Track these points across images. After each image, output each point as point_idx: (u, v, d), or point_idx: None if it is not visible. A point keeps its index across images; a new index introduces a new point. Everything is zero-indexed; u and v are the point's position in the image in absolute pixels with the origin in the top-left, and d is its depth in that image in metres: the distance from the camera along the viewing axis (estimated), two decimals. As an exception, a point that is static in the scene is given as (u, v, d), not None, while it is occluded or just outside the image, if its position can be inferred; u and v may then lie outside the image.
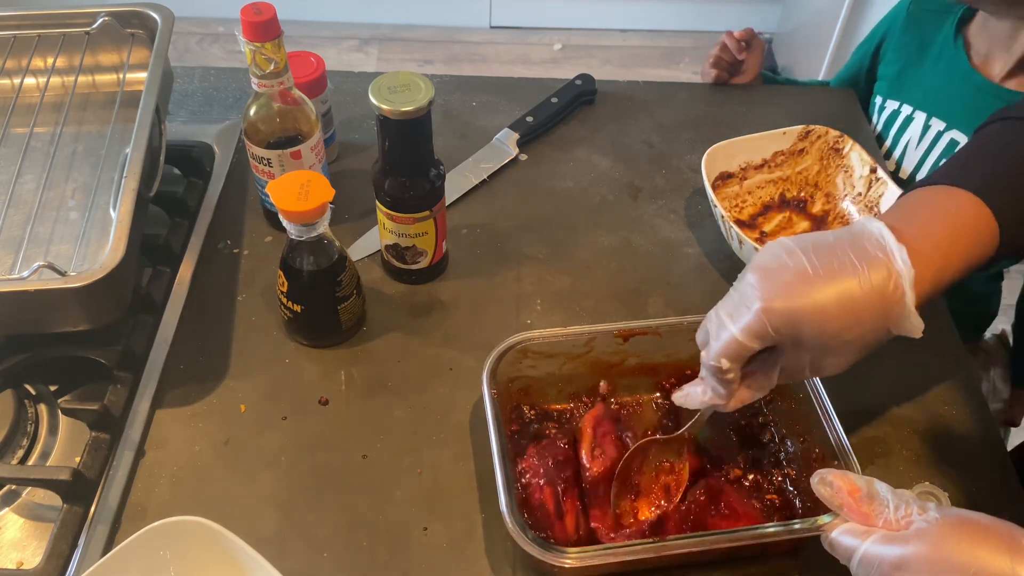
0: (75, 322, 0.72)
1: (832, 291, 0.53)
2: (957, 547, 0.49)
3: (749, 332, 0.55)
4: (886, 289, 0.54)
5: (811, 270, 0.54)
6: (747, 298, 0.55)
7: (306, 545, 0.67)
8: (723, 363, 0.57)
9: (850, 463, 0.64)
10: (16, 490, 0.70)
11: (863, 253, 0.54)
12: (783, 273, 0.54)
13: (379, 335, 0.82)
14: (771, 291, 0.54)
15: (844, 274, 0.54)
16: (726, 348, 0.56)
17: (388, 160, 0.76)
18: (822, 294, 0.53)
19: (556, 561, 0.59)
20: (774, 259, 0.55)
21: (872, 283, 0.54)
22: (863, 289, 0.53)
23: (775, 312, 0.54)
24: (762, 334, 0.55)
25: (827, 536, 0.57)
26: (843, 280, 0.54)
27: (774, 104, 1.10)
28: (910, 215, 0.58)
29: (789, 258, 0.55)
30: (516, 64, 2.60)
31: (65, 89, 0.93)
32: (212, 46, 2.59)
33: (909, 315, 0.54)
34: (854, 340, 0.55)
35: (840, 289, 0.54)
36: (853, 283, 0.54)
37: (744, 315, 0.55)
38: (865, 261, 0.54)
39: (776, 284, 0.54)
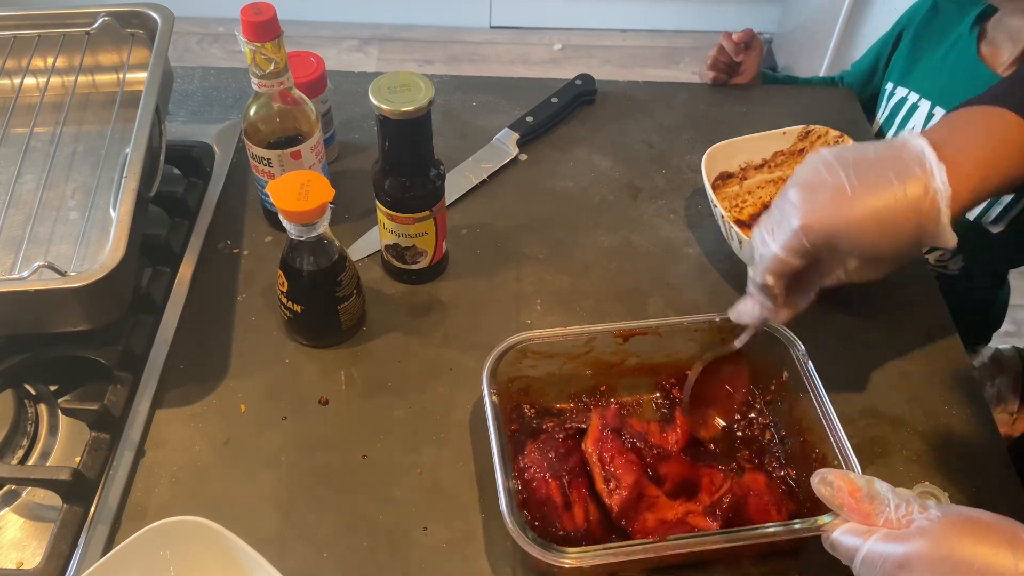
0: (75, 322, 0.72)
1: (868, 208, 0.55)
2: (960, 544, 0.49)
3: (789, 249, 0.57)
4: (922, 206, 0.55)
5: (848, 187, 0.55)
6: (787, 215, 0.57)
7: (306, 545, 0.67)
8: (768, 279, 0.59)
9: (850, 463, 0.64)
10: (16, 490, 0.70)
11: (903, 169, 0.55)
12: (822, 190, 0.56)
13: (379, 335, 0.82)
14: (809, 208, 0.56)
15: (881, 191, 0.55)
16: (771, 265, 0.59)
17: (388, 160, 0.76)
18: (858, 211, 0.55)
19: (556, 561, 0.59)
20: (814, 174, 0.57)
21: (908, 200, 0.55)
22: (899, 206, 0.55)
23: (813, 229, 0.56)
24: (801, 250, 0.57)
25: (828, 536, 0.57)
26: (880, 197, 0.55)
27: (774, 104, 1.10)
28: (952, 133, 0.58)
29: (828, 174, 0.56)
30: (516, 64, 2.60)
31: (65, 89, 0.93)
32: (212, 46, 2.59)
33: (944, 231, 0.56)
34: (889, 252, 0.57)
35: (876, 206, 0.55)
36: (890, 200, 0.55)
37: (784, 232, 0.57)
38: (903, 178, 0.55)
39: (814, 201, 0.56)
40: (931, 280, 0.88)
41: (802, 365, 0.70)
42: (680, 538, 0.62)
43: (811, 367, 0.70)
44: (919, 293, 0.87)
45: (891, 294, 0.86)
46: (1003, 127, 0.58)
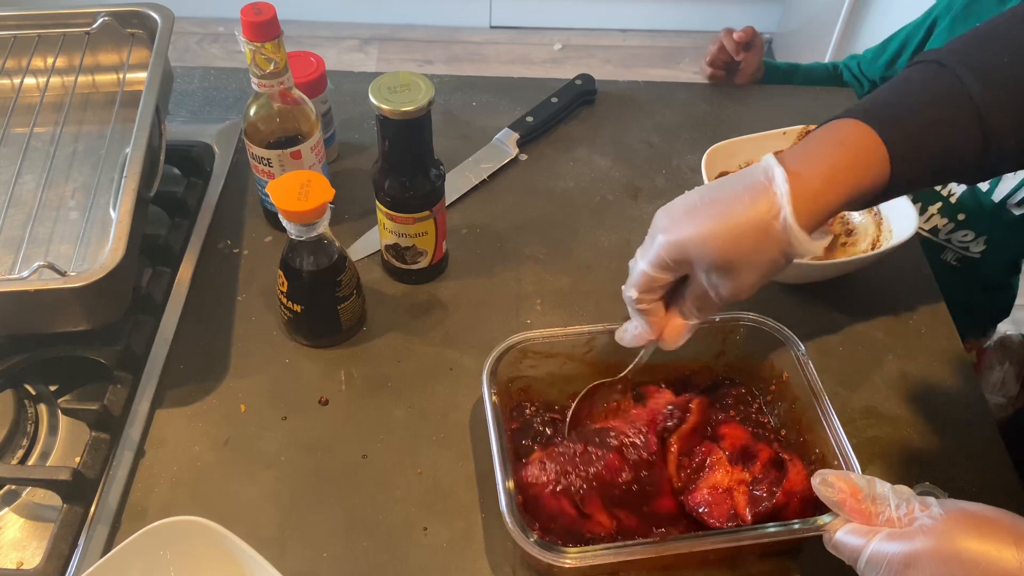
0: (75, 322, 0.72)
1: (712, 217, 0.57)
2: (964, 541, 0.50)
3: (652, 264, 0.60)
4: (763, 210, 0.56)
5: (699, 202, 0.58)
6: (651, 234, 0.61)
7: (306, 545, 0.67)
8: (632, 293, 0.62)
9: (850, 463, 0.64)
10: (16, 490, 0.70)
11: (747, 181, 0.58)
12: (673, 209, 0.60)
13: (379, 335, 0.82)
14: (664, 225, 0.59)
15: (725, 201, 0.57)
16: (635, 279, 0.62)
17: (388, 160, 0.76)
18: (704, 222, 0.57)
19: (556, 561, 0.59)
20: (673, 202, 0.60)
21: (750, 205, 0.56)
22: (743, 212, 0.56)
23: (667, 244, 0.58)
24: (662, 264, 0.59)
25: (831, 537, 0.57)
26: (723, 206, 0.57)
27: (774, 104, 1.10)
28: (802, 146, 0.60)
29: (686, 196, 0.60)
30: (516, 64, 2.60)
31: (65, 89, 0.93)
32: (212, 46, 2.59)
33: (796, 238, 0.56)
34: (742, 262, 0.58)
35: (719, 214, 0.57)
36: (732, 207, 0.57)
37: (648, 248, 0.60)
38: (746, 187, 0.57)
39: (669, 219, 0.59)
40: (931, 280, 0.88)
41: (802, 365, 0.70)
42: (680, 538, 0.62)
43: (811, 367, 0.70)
44: (919, 292, 0.87)
45: (891, 293, 0.86)
46: (849, 135, 0.58)
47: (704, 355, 0.76)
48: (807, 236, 0.57)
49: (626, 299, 0.63)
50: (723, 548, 0.63)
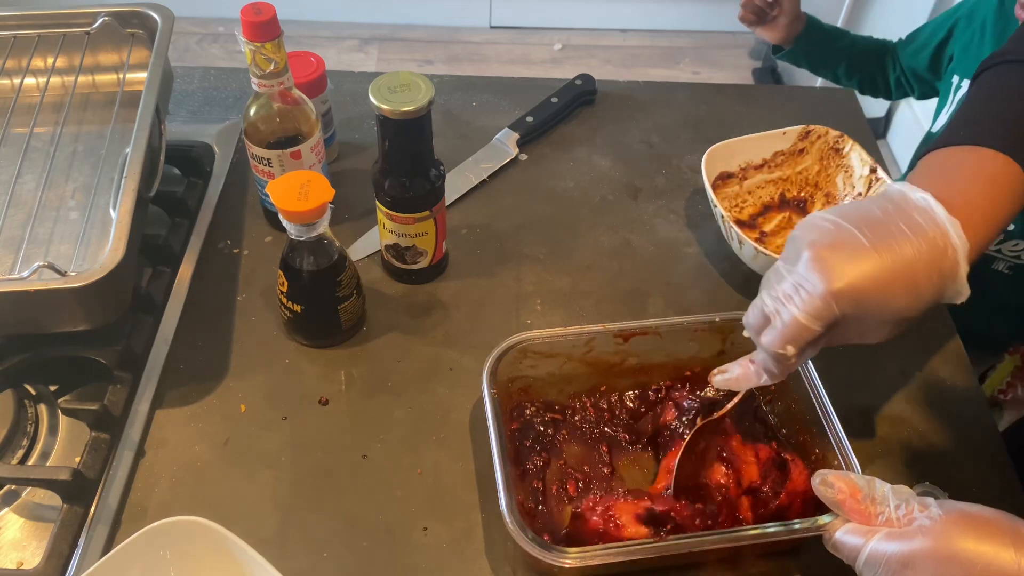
0: (75, 322, 0.72)
1: (895, 270, 0.52)
2: (963, 542, 0.50)
3: (815, 316, 0.53)
4: (944, 264, 0.53)
5: (872, 247, 0.52)
6: (807, 280, 0.53)
7: (306, 545, 0.67)
8: (789, 349, 0.55)
9: (850, 463, 0.64)
10: (16, 490, 0.70)
11: (916, 227, 0.53)
12: (842, 251, 0.53)
13: (379, 335, 0.82)
14: (835, 272, 0.52)
15: (904, 251, 0.52)
16: (791, 333, 0.54)
17: (388, 160, 0.76)
18: (887, 273, 0.52)
19: (556, 561, 0.59)
20: (828, 236, 0.54)
21: (931, 258, 0.53)
22: (923, 265, 0.52)
23: (843, 294, 0.52)
24: (828, 316, 0.53)
25: (830, 537, 0.57)
26: (904, 258, 0.52)
27: (774, 104, 1.10)
28: (948, 181, 0.56)
29: (843, 234, 0.53)
30: (516, 64, 2.60)
31: (65, 89, 0.93)
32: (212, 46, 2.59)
33: (962, 286, 0.54)
34: (914, 313, 0.54)
35: (903, 267, 0.52)
36: (913, 260, 0.52)
37: (805, 297, 0.53)
38: (921, 236, 0.53)
39: (839, 265, 0.52)
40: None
41: (802, 365, 0.70)
42: (680, 538, 0.62)
43: (811, 367, 0.70)
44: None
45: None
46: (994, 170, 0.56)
47: (704, 355, 0.76)
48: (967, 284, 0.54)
49: (771, 354, 0.57)
50: (723, 548, 0.63)
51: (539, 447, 0.71)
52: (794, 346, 0.55)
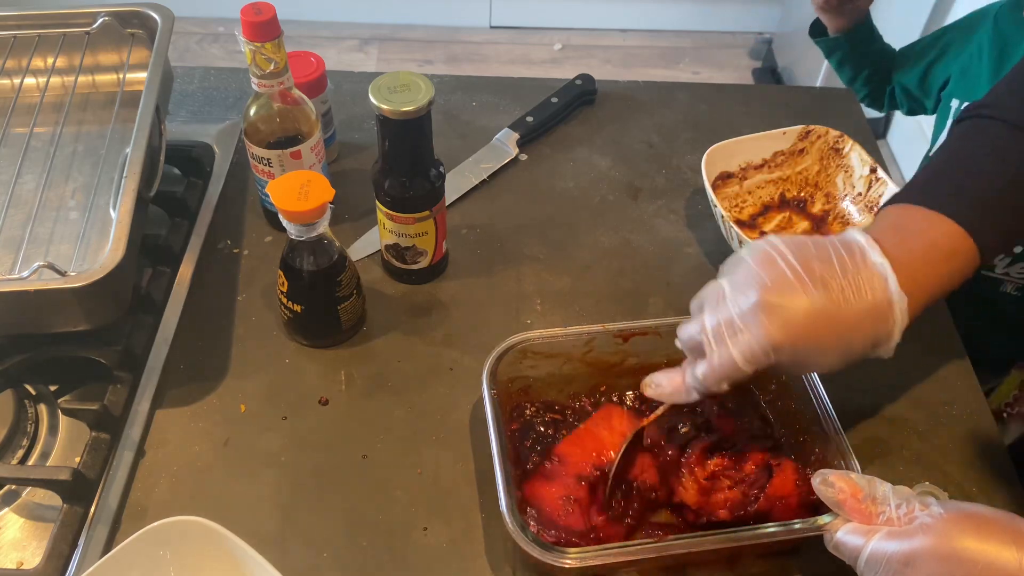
0: (75, 322, 0.72)
1: (835, 332, 0.55)
2: (964, 540, 0.50)
3: (752, 360, 0.56)
4: (880, 332, 0.56)
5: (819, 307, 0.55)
6: (750, 324, 0.56)
7: (306, 545, 0.67)
8: (724, 386, 0.59)
9: (850, 463, 0.64)
10: (16, 490, 0.70)
11: (865, 293, 0.56)
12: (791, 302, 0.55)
13: (379, 335, 0.82)
14: (779, 325, 0.55)
15: (847, 316, 0.55)
16: (727, 372, 0.57)
17: (388, 160, 0.76)
18: (826, 331, 0.55)
19: (556, 561, 0.59)
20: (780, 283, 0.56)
21: (871, 326, 0.56)
22: (861, 331, 0.56)
23: (783, 349, 0.55)
24: (762, 363, 0.56)
25: (831, 536, 0.57)
26: (847, 322, 0.55)
27: (774, 104, 1.10)
28: (895, 241, 0.58)
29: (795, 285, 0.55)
30: (516, 64, 2.60)
31: (65, 89, 0.93)
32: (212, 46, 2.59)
33: (889, 350, 0.58)
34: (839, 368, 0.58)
35: (843, 331, 0.56)
36: (855, 326, 0.56)
37: (749, 343, 0.56)
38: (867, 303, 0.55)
39: (784, 317, 0.55)
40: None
41: (802, 365, 0.70)
42: (680, 538, 0.62)
43: (811, 367, 0.70)
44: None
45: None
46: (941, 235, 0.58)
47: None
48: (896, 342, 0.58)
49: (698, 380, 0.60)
50: (723, 548, 0.63)
51: (539, 447, 0.71)
52: (728, 383, 0.58)
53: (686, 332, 0.61)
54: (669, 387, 0.64)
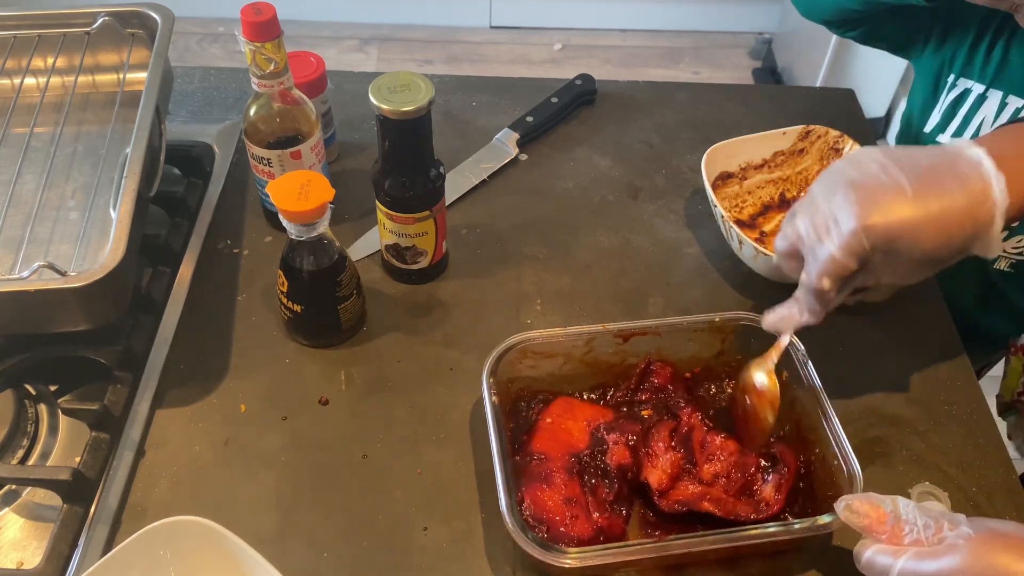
0: (75, 322, 0.72)
1: (929, 211, 0.54)
2: (994, 560, 0.50)
3: (847, 250, 0.55)
4: (979, 214, 0.55)
5: (909, 188, 0.54)
6: (842, 214, 0.55)
7: (306, 545, 0.67)
8: (825, 283, 0.57)
9: (850, 463, 0.64)
10: (16, 490, 0.70)
11: (960, 176, 0.55)
12: (879, 190, 0.55)
13: (379, 335, 0.82)
14: (868, 208, 0.54)
15: (941, 195, 0.54)
16: (828, 267, 0.56)
17: (388, 160, 0.76)
18: (920, 214, 0.54)
19: (556, 561, 0.59)
20: (867, 173, 0.56)
21: (968, 207, 0.54)
22: (958, 211, 0.54)
23: (874, 230, 0.54)
24: (860, 252, 0.55)
25: (860, 556, 0.57)
26: (940, 201, 0.54)
27: (774, 104, 1.10)
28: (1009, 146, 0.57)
29: (883, 173, 0.55)
30: (516, 64, 2.60)
31: (65, 89, 0.93)
32: (212, 46, 2.59)
33: (994, 240, 0.56)
34: (944, 256, 0.56)
35: (937, 209, 0.54)
36: (949, 204, 0.54)
37: (842, 232, 0.55)
38: (962, 184, 0.54)
39: (873, 201, 0.54)
40: (931, 279, 0.88)
41: (802, 365, 0.70)
42: (680, 538, 0.62)
43: (811, 367, 0.70)
44: (919, 293, 0.87)
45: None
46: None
47: (704, 355, 0.76)
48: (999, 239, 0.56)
49: (810, 289, 0.59)
50: (723, 548, 0.63)
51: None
52: (830, 280, 0.57)
53: (781, 241, 0.61)
54: (785, 311, 0.64)
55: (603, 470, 0.67)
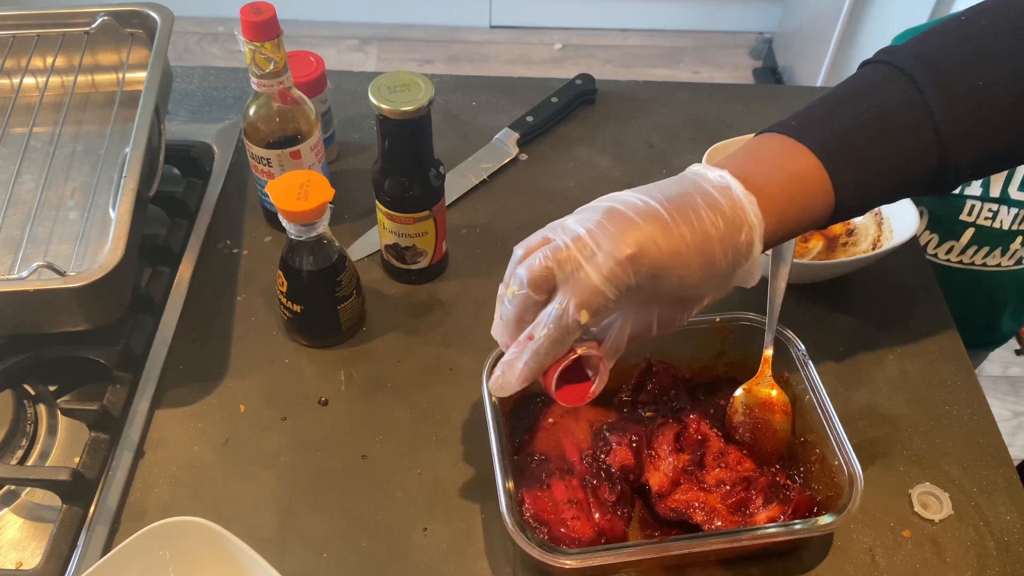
0: (75, 322, 0.72)
1: (692, 240, 0.52)
2: None
3: (613, 279, 0.51)
4: (739, 240, 0.53)
5: (672, 220, 0.52)
6: (606, 243, 0.51)
7: (306, 545, 0.67)
8: (583, 315, 0.52)
9: (850, 463, 0.64)
10: (16, 490, 0.70)
11: (713, 202, 0.53)
12: (645, 220, 0.52)
13: (379, 335, 0.82)
14: (635, 237, 0.51)
15: (703, 224, 0.52)
16: (588, 298, 0.51)
17: (388, 160, 0.76)
18: (683, 244, 0.51)
19: (556, 561, 0.59)
20: (631, 207, 0.53)
21: (727, 233, 0.53)
22: (719, 238, 0.52)
23: (641, 260, 0.51)
24: (625, 282, 0.51)
25: None
26: (703, 230, 0.52)
27: (774, 104, 1.10)
28: (754, 167, 0.55)
29: (645, 207, 0.52)
30: (516, 64, 2.60)
31: (64, 89, 0.93)
32: (212, 46, 2.59)
33: (754, 266, 0.54)
34: (703, 291, 0.55)
35: (701, 239, 0.52)
36: (711, 233, 0.52)
37: (607, 260, 0.51)
38: (718, 210, 0.53)
39: (639, 231, 0.51)
40: (931, 279, 0.88)
41: (802, 365, 0.70)
42: (680, 538, 0.62)
43: (811, 367, 0.70)
44: (919, 292, 0.87)
45: (891, 293, 0.86)
46: (803, 170, 0.55)
47: (704, 355, 0.75)
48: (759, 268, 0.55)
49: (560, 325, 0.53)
50: (723, 549, 0.63)
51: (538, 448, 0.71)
52: (588, 312, 0.52)
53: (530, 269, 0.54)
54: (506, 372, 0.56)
55: (605, 471, 0.67)
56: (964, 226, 0.98)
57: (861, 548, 0.68)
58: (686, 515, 0.65)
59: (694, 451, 0.68)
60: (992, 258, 1.01)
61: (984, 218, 0.97)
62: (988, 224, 0.97)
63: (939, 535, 0.69)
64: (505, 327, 0.57)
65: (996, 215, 0.97)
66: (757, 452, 0.69)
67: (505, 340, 0.57)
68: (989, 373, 1.88)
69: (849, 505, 0.62)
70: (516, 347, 0.56)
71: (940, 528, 0.69)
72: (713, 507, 0.65)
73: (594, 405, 0.73)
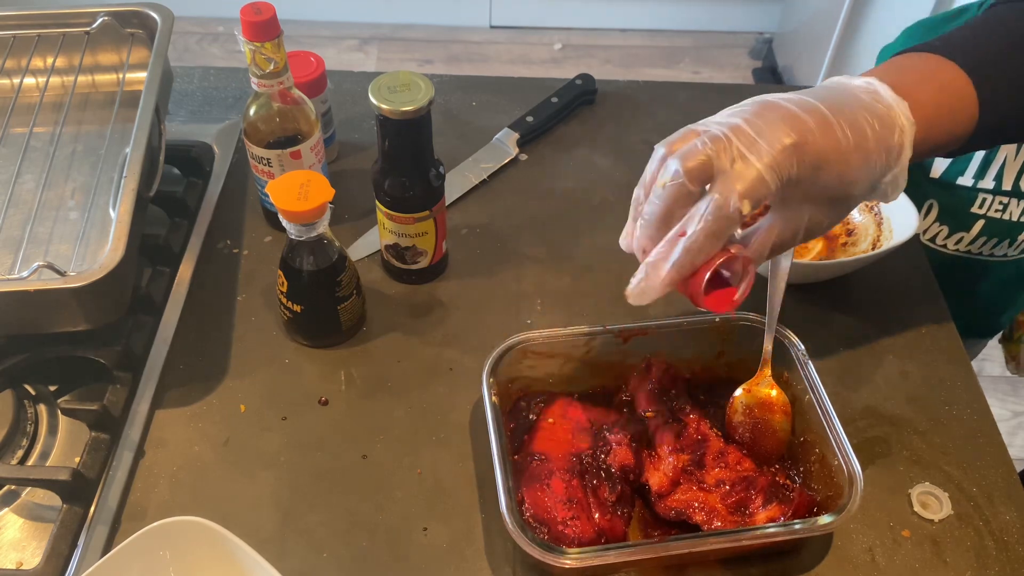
0: (75, 322, 0.72)
1: (853, 139, 0.51)
2: None
3: (777, 168, 0.49)
4: (892, 143, 0.53)
5: (831, 115, 0.51)
6: (772, 132, 0.50)
7: (306, 545, 0.67)
8: (745, 205, 0.49)
9: (850, 463, 0.64)
10: (16, 490, 0.70)
11: (869, 106, 0.53)
12: (807, 117, 0.51)
13: (379, 335, 0.82)
14: (802, 129, 0.50)
15: (859, 124, 0.52)
16: (752, 186, 0.49)
17: (388, 160, 0.76)
18: (846, 140, 0.51)
19: (556, 561, 0.59)
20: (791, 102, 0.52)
21: (882, 136, 0.53)
22: (876, 141, 0.52)
23: (806, 150, 0.50)
24: (788, 172, 0.50)
25: None
26: (860, 130, 0.52)
27: (774, 104, 1.10)
28: (903, 77, 0.56)
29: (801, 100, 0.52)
30: (516, 64, 2.60)
31: (65, 89, 0.93)
32: (212, 46, 2.59)
33: (900, 174, 0.54)
34: (862, 190, 0.54)
35: (859, 138, 0.52)
36: (868, 134, 0.52)
37: (771, 148, 0.49)
38: (874, 114, 0.53)
39: (803, 123, 0.50)
40: (931, 279, 0.88)
41: (802, 365, 0.70)
42: (680, 538, 0.62)
43: (811, 367, 0.70)
44: (919, 292, 0.87)
45: (891, 293, 0.86)
46: (951, 83, 0.56)
47: (704, 355, 0.76)
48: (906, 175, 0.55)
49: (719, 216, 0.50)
50: (723, 549, 0.63)
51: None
52: (751, 201, 0.50)
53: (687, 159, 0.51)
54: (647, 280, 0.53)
55: (605, 471, 0.67)
56: (975, 218, 0.98)
57: (861, 548, 0.68)
58: (686, 515, 0.65)
59: (694, 451, 0.68)
60: (999, 248, 1.01)
61: (995, 210, 0.97)
62: (998, 216, 0.97)
63: (939, 535, 0.69)
64: (648, 226, 0.53)
65: (1007, 207, 0.97)
66: (757, 452, 0.69)
67: (644, 243, 0.53)
68: (989, 373, 1.88)
69: (849, 505, 0.62)
70: (663, 246, 0.52)
71: (940, 528, 0.69)
72: (713, 507, 0.65)
73: (594, 405, 0.73)
